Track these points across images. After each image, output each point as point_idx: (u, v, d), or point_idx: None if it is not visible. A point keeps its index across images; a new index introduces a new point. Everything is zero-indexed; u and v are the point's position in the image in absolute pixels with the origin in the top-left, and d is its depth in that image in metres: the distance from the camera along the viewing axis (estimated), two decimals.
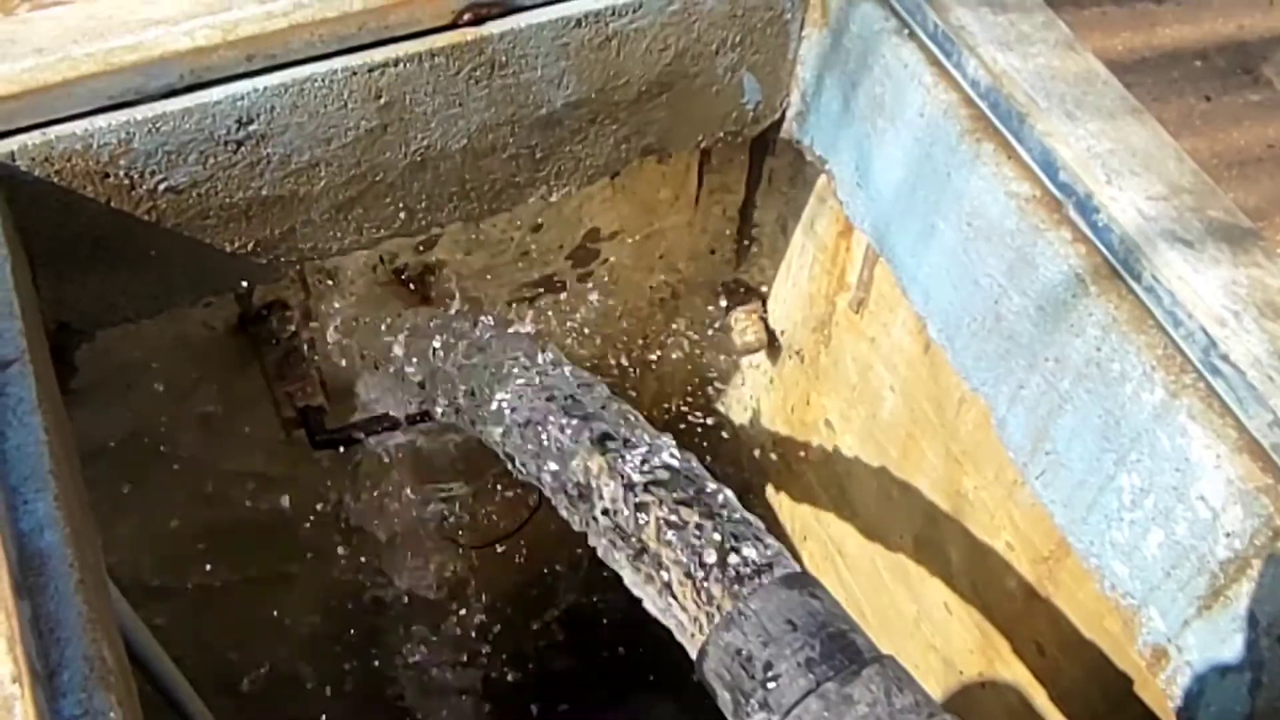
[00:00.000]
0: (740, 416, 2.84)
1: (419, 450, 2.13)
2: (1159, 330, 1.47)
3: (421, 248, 2.11)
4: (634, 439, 1.24)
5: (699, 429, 2.84)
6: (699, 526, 1.14)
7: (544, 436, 1.28)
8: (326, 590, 2.69)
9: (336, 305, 2.10)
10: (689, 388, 2.79)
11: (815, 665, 1.05)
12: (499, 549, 2.59)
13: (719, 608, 1.10)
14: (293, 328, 2.05)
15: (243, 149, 1.64)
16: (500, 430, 1.39)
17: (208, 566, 2.41)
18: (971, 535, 2.14)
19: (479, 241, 2.16)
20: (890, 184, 1.84)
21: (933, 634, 2.36)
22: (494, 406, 1.46)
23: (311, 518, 2.35)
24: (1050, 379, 1.64)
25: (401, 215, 1.86)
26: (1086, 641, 1.92)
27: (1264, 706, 1.47)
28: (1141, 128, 1.63)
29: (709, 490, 1.19)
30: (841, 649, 1.07)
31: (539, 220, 2.19)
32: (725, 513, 1.17)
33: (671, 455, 1.23)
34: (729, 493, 1.21)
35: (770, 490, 2.83)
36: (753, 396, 2.78)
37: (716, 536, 1.13)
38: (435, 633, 2.88)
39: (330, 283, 2.07)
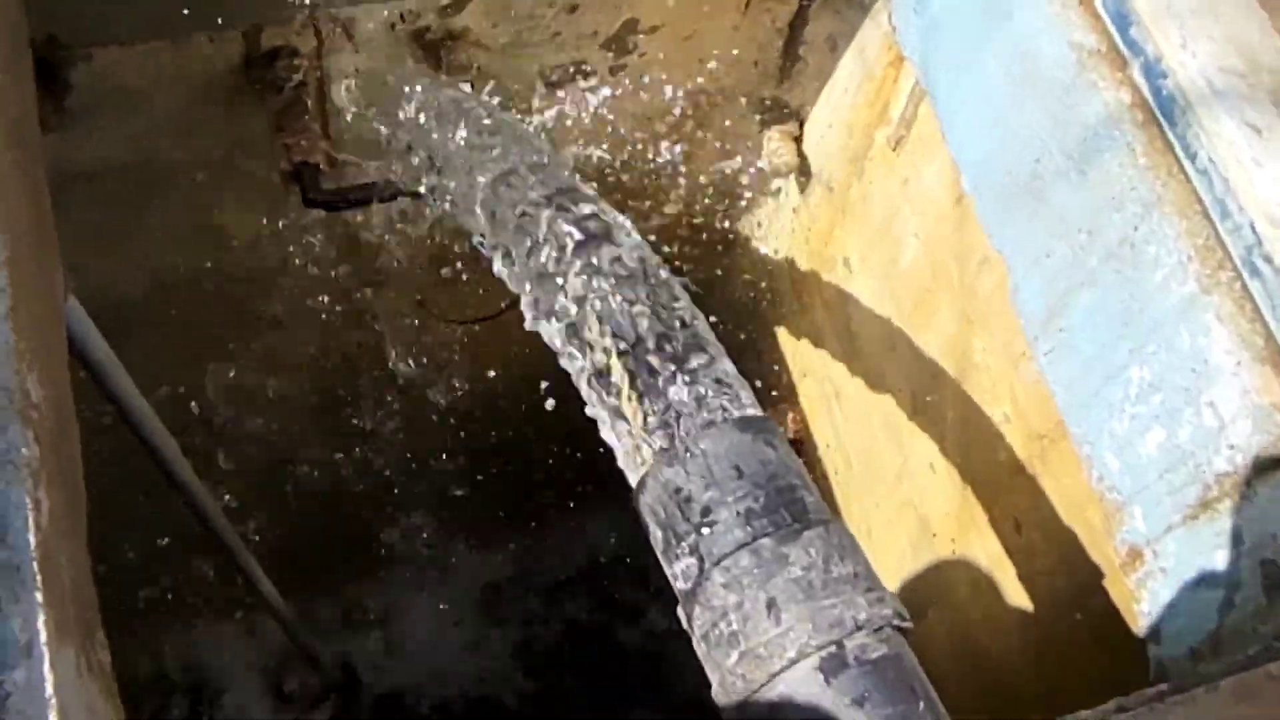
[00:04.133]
0: (760, 241, 2.73)
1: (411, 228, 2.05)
2: (1204, 218, 1.36)
3: (449, 10, 1.98)
4: (613, 239, 1.14)
5: (718, 246, 2.74)
6: (659, 349, 1.06)
7: (527, 228, 1.19)
8: (311, 352, 2.66)
9: (350, 59, 1.98)
10: (712, 204, 2.67)
11: (755, 518, 0.98)
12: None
13: (667, 439, 1.03)
14: (299, 76, 1.94)
15: None
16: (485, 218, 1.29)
17: (192, 311, 2.36)
18: (970, 400, 2.06)
19: (508, 14, 2.02)
20: (948, 10, 1.69)
21: (913, 491, 2.31)
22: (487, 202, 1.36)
23: (302, 278, 2.29)
24: (1079, 252, 1.53)
25: None
26: (1065, 528, 1.86)
27: (1231, 626, 1.41)
28: None
29: (679, 309, 1.10)
30: (787, 505, 0.99)
31: (575, 1, 2.05)
32: (692, 339, 1.08)
33: (644, 259, 1.13)
34: (700, 318, 1.12)
35: (777, 321, 2.74)
36: (775, 222, 2.67)
37: (676, 365, 1.05)
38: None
39: (345, 35, 1.94)
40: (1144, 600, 1.57)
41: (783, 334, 2.74)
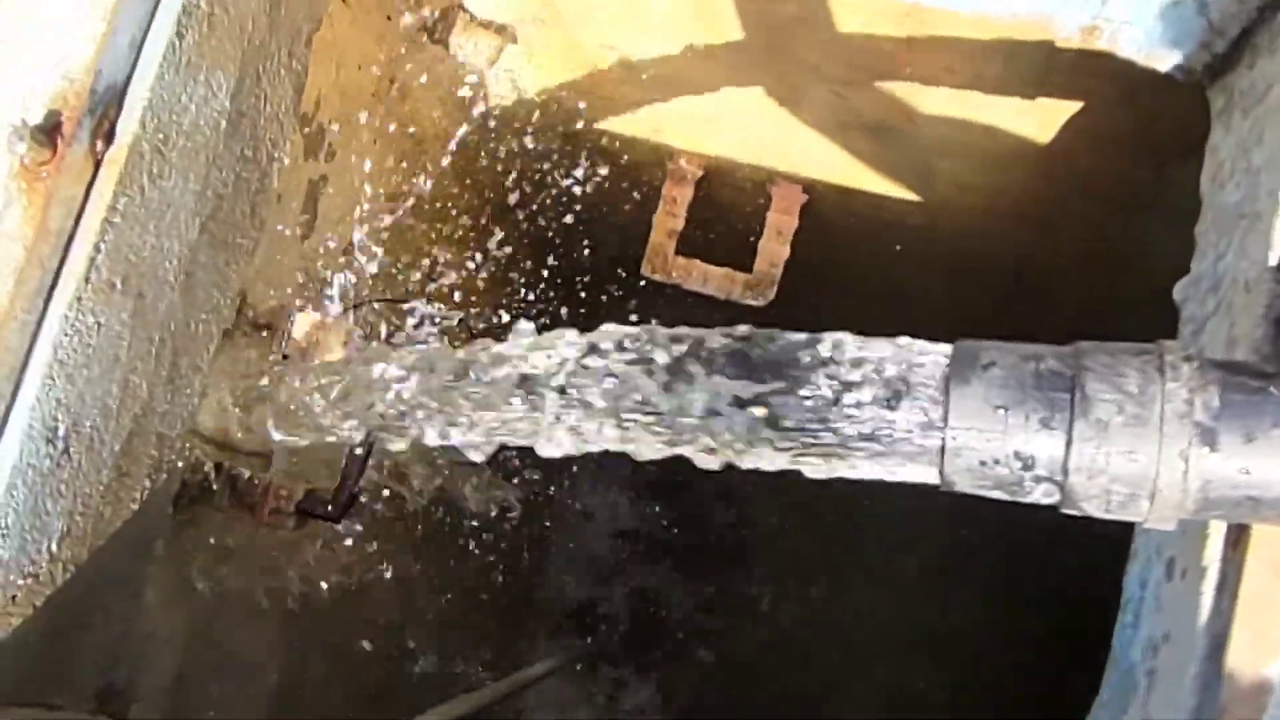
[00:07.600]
0: (524, 89, 2.64)
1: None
2: None
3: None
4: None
5: (494, 130, 2.69)
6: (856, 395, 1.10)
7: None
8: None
9: (209, 404, 1.92)
10: (462, 113, 2.60)
11: (1050, 422, 1.04)
12: None
13: (927, 450, 1.09)
14: (207, 463, 1.88)
15: (70, 451, 1.41)
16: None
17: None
18: (823, 40, 2.08)
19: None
20: None
21: (853, 111, 2.35)
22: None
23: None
24: None
25: (211, 320, 1.66)
26: (988, 44, 1.93)
27: (1218, 13, 1.51)
28: None
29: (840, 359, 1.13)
30: (1051, 386, 1.06)
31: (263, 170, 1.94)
32: (857, 365, 1.11)
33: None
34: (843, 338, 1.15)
35: (607, 118, 2.70)
36: (518, 71, 2.58)
37: (879, 393, 1.10)
38: None
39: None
40: (1124, 49, 1.67)
41: (614, 123, 2.71)
